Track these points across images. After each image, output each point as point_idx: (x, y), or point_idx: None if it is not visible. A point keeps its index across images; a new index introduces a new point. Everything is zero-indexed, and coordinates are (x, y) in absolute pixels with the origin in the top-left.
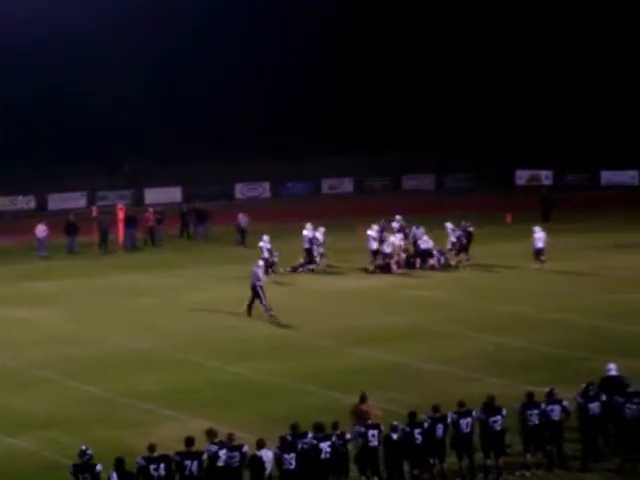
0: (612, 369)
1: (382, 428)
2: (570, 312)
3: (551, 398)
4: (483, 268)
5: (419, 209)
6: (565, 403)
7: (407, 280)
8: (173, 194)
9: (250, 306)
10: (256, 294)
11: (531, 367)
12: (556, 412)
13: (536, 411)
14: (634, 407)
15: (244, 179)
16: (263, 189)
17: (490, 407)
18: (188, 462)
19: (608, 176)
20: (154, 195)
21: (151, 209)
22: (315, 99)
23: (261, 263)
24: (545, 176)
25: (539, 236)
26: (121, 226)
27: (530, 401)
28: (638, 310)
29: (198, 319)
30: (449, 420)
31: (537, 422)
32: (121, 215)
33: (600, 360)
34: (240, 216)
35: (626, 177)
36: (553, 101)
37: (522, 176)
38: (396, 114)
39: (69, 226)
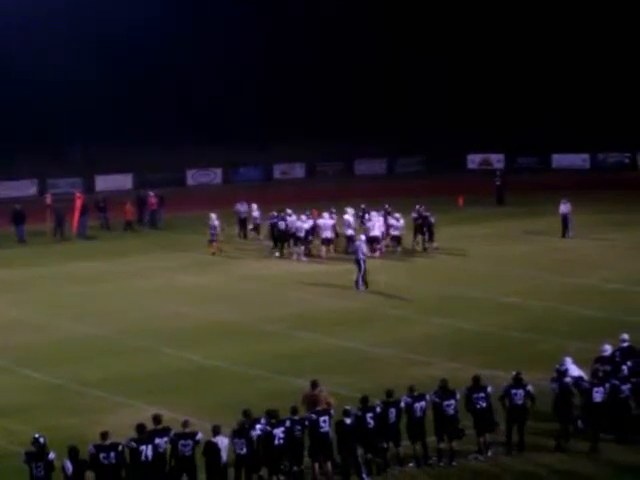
0: (626, 339)
1: (333, 413)
2: (522, 295)
3: (517, 382)
4: (436, 251)
5: (371, 193)
6: (529, 388)
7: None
8: (124, 181)
9: (364, 279)
10: (358, 267)
11: (483, 350)
12: (520, 396)
13: (482, 394)
14: (601, 390)
15: (195, 165)
16: (215, 175)
17: (444, 390)
18: (143, 447)
19: (559, 159)
20: (105, 182)
21: (152, 192)
22: (266, 85)
23: (363, 237)
24: (497, 159)
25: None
26: (77, 214)
27: (476, 385)
28: (590, 292)
29: (150, 306)
30: (403, 404)
31: (484, 405)
32: (79, 203)
33: (552, 342)
34: (238, 205)
35: (577, 160)
36: (503, 85)
37: (474, 160)
38: (347, 99)
39: (16, 215)
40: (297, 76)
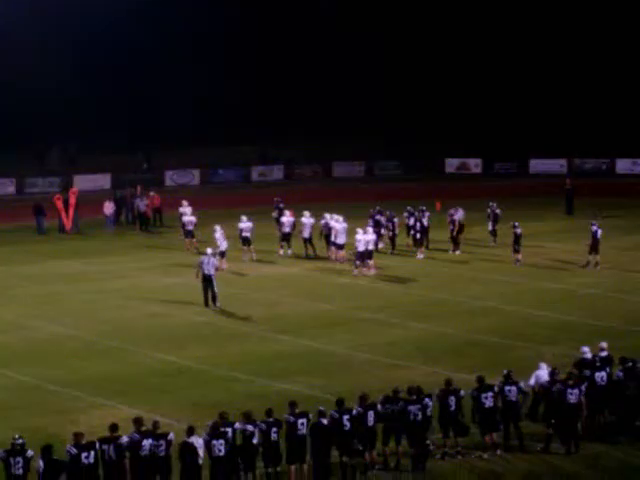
0: (604, 348)
1: (310, 416)
2: (498, 299)
3: (509, 379)
4: (411, 255)
5: (349, 196)
6: (521, 384)
7: (332, 267)
8: (103, 181)
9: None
10: None
11: (458, 354)
12: (514, 393)
13: (490, 393)
14: (576, 392)
15: (174, 166)
16: (193, 176)
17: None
18: (106, 447)
19: (536, 164)
20: (83, 182)
21: (152, 193)
22: (246, 86)
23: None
24: (474, 164)
25: (245, 226)
26: (72, 211)
27: (482, 384)
28: (566, 298)
29: (128, 306)
30: (380, 407)
31: (492, 404)
32: (73, 200)
33: (528, 347)
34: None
35: (555, 165)
36: (481, 89)
37: (452, 164)
38: (326, 101)
39: None
40: (277, 78)
